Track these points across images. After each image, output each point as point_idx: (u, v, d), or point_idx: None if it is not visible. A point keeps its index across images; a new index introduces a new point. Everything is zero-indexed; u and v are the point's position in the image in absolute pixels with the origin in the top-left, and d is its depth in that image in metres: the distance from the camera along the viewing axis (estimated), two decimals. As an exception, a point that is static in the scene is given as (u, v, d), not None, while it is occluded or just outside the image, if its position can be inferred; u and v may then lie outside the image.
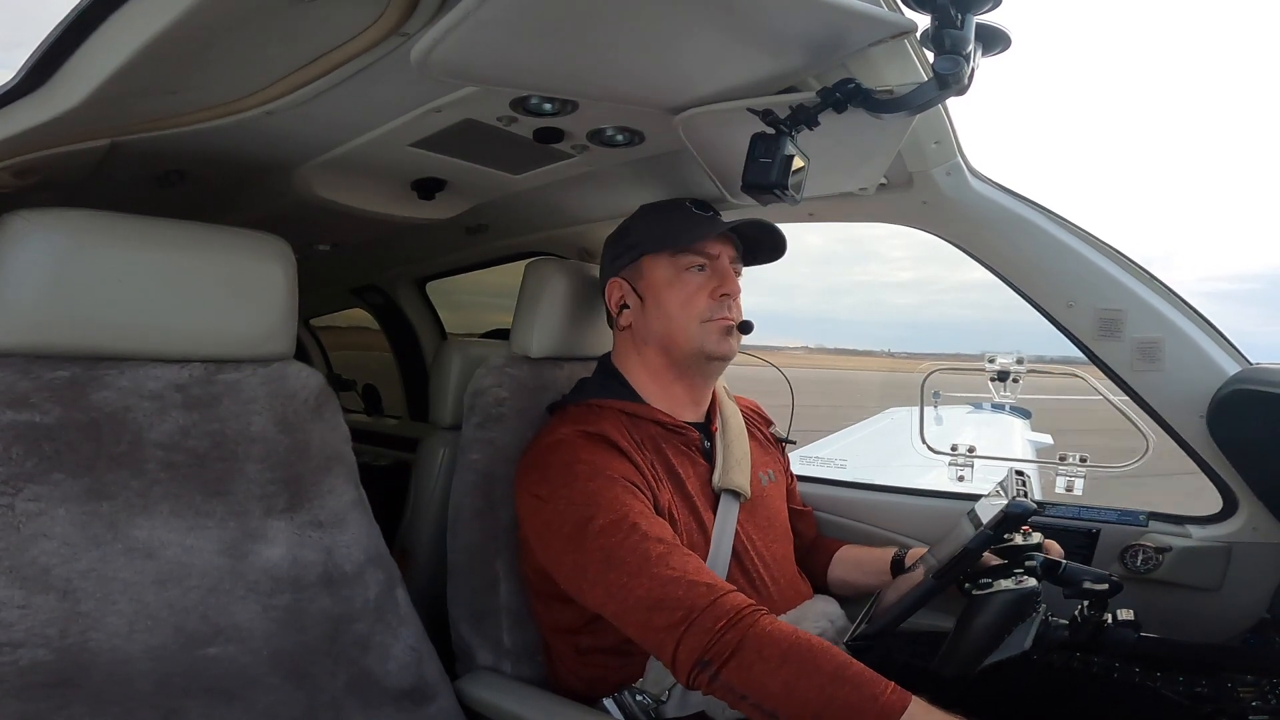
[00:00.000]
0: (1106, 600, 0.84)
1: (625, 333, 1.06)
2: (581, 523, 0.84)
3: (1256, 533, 1.05)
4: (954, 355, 18.82)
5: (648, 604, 0.78)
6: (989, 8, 0.62)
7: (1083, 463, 1.33)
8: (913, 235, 1.16)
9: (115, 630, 0.71)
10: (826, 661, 0.73)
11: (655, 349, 1.03)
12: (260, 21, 0.59)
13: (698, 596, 0.77)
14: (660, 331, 1.02)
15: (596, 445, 0.91)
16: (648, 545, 0.81)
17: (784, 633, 0.75)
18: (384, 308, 2.08)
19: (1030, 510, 0.82)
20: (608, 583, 0.81)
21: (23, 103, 0.66)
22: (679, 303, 1.00)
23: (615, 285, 1.06)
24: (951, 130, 0.97)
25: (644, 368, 1.04)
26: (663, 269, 1.01)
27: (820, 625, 1.02)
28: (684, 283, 1.01)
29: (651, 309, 1.02)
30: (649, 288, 1.03)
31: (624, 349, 1.07)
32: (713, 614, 0.75)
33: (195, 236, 0.83)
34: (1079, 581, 0.85)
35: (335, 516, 0.89)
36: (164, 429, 0.79)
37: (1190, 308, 1.05)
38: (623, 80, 0.75)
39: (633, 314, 1.04)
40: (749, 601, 0.78)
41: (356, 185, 1.08)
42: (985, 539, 0.84)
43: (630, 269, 1.04)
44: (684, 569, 0.80)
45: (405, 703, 0.88)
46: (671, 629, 0.76)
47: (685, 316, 1.00)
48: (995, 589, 0.82)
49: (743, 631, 0.74)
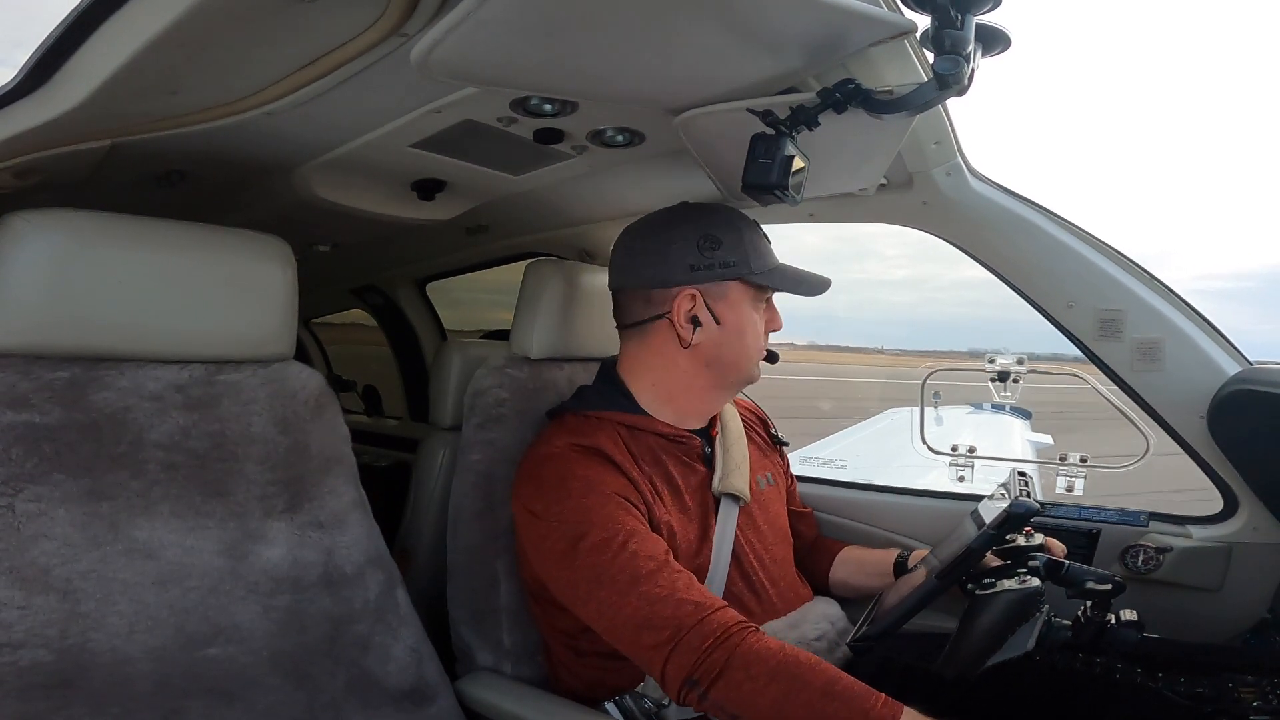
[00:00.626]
0: (1109, 601, 0.84)
1: (680, 348, 0.98)
2: (573, 540, 0.84)
3: (1257, 533, 1.05)
4: (947, 353, 18.80)
5: (636, 623, 0.79)
6: (989, 8, 0.62)
7: (1083, 463, 1.32)
8: (909, 233, 1.16)
9: (115, 631, 0.71)
10: (816, 677, 0.73)
11: (715, 372, 1.00)
12: (260, 21, 0.59)
13: (685, 615, 0.77)
14: (729, 359, 1.00)
15: (590, 460, 0.91)
16: (638, 563, 0.81)
17: (772, 650, 0.75)
18: (384, 308, 2.08)
19: (1033, 510, 0.82)
20: (599, 600, 0.82)
21: (23, 103, 0.66)
22: (754, 335, 1.01)
23: (689, 297, 0.96)
24: (951, 130, 0.97)
25: (681, 383, 1.00)
26: (748, 299, 0.99)
27: (821, 627, 1.02)
28: (756, 314, 1.01)
29: (731, 335, 0.98)
30: (730, 312, 0.98)
31: (656, 361, 1.00)
32: (700, 633, 0.76)
33: (195, 237, 0.83)
34: (1082, 582, 0.85)
35: (335, 517, 0.89)
36: (164, 429, 0.79)
37: (1190, 308, 1.05)
38: (623, 80, 0.75)
39: (704, 334, 0.97)
40: (738, 619, 0.78)
41: (356, 186, 1.08)
42: (988, 539, 0.84)
43: (714, 286, 0.97)
44: (673, 587, 0.80)
45: (405, 703, 0.87)
46: (659, 648, 0.77)
47: (755, 349, 1.02)
48: (998, 589, 0.82)
49: (730, 650, 0.75)
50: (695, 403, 1.03)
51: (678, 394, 1.01)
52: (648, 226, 1.02)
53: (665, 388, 1.01)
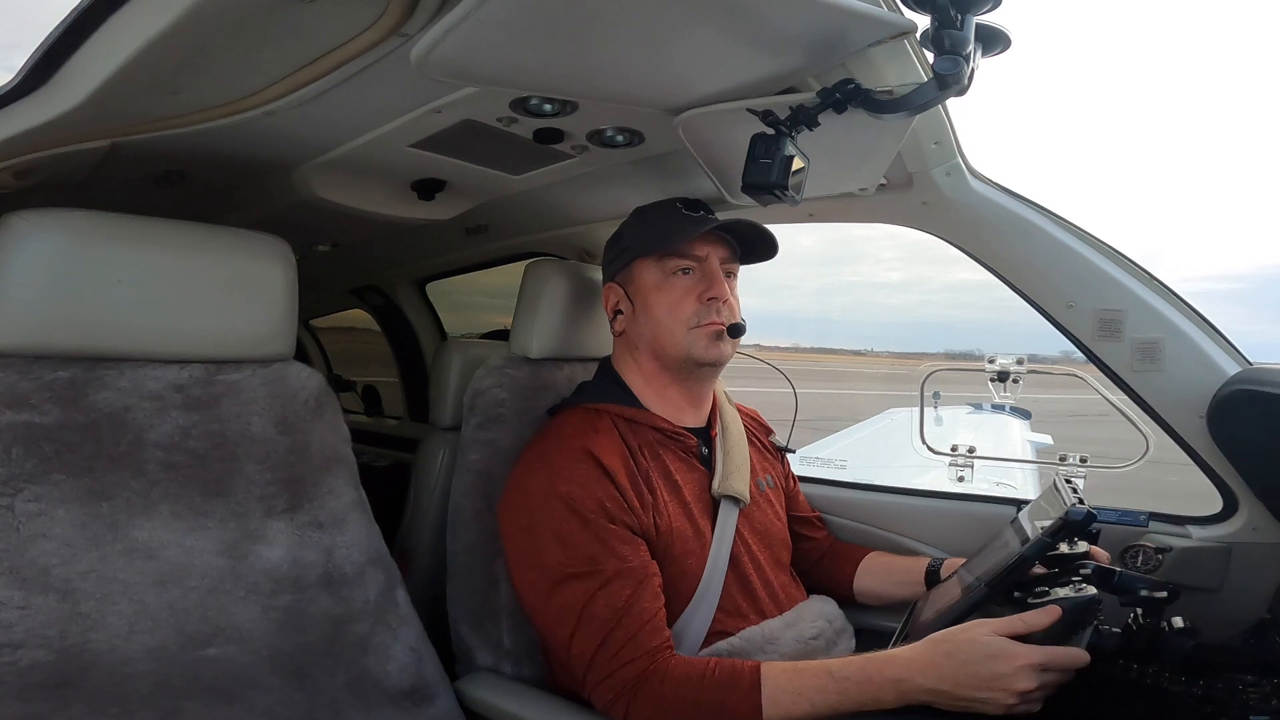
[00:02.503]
0: (1163, 607, 0.82)
1: (620, 338, 1.06)
2: (544, 570, 0.88)
3: (1256, 533, 1.05)
4: (932, 355, 18.79)
5: (584, 660, 0.85)
6: (989, 8, 0.62)
7: (1083, 463, 1.32)
8: (903, 236, 1.16)
9: (115, 631, 0.71)
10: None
11: (647, 354, 1.03)
12: (260, 21, 0.59)
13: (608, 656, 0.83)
14: (650, 337, 1.01)
15: (576, 469, 0.90)
16: (594, 610, 0.84)
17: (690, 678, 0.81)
18: (384, 308, 2.08)
19: (1091, 517, 0.80)
20: (554, 635, 0.88)
21: (23, 103, 0.66)
22: (665, 308, 0.99)
23: (611, 290, 1.06)
24: (951, 131, 0.97)
25: (639, 373, 1.04)
26: (651, 273, 1.00)
27: (818, 625, 1.02)
28: (671, 287, 0.99)
29: (641, 314, 1.01)
30: (638, 292, 1.02)
31: (621, 354, 1.07)
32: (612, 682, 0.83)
33: (195, 236, 0.83)
34: (1135, 589, 0.82)
35: (335, 517, 0.89)
36: (164, 429, 0.79)
37: (1190, 308, 1.05)
38: (622, 80, 0.75)
39: (625, 319, 1.04)
40: (644, 668, 0.82)
41: (356, 186, 1.09)
42: (1043, 546, 0.81)
43: (623, 274, 1.04)
44: (624, 626, 0.83)
45: (405, 703, 0.87)
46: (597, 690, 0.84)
47: (672, 322, 0.99)
48: (1054, 597, 0.79)
49: (637, 689, 0.81)
50: (666, 393, 1.04)
51: (645, 387, 1.04)
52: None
53: (639, 382, 1.04)
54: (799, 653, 0.96)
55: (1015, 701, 0.72)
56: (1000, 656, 0.72)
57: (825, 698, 0.77)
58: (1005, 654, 0.72)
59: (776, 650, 0.95)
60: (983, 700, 0.73)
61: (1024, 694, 0.72)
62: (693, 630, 0.93)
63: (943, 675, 0.74)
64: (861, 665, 0.78)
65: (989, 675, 0.72)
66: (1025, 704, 0.72)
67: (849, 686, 0.77)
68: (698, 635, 0.93)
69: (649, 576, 0.87)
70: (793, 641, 0.97)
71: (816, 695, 0.77)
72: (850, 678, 0.77)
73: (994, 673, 0.72)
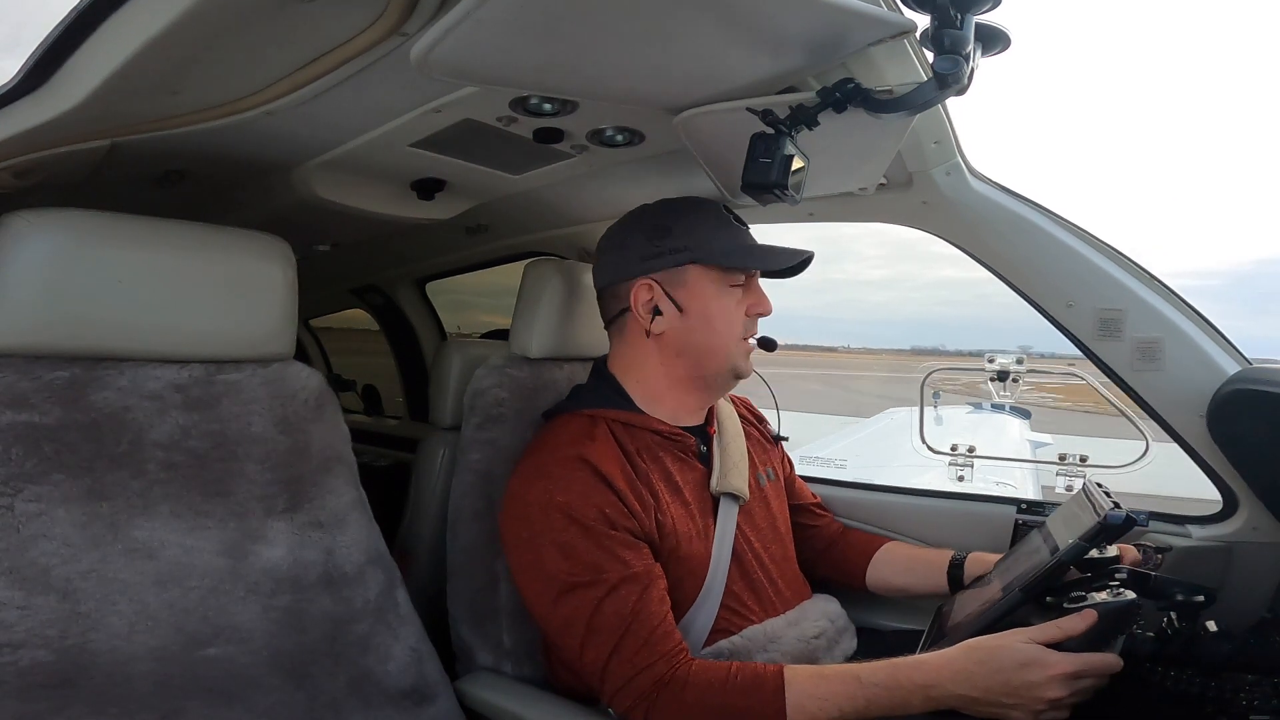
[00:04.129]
0: (1199, 611, 0.81)
1: (648, 340, 0.99)
2: (548, 580, 0.87)
3: (1256, 533, 1.05)
4: (909, 352, 18.84)
5: (597, 669, 0.83)
6: (988, 8, 0.62)
7: (1083, 463, 1.32)
8: (888, 234, 1.16)
9: (115, 631, 0.71)
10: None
11: (688, 361, 0.99)
12: (260, 22, 0.59)
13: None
14: (700, 345, 0.98)
15: (573, 478, 0.89)
16: (601, 618, 0.84)
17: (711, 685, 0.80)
18: (384, 308, 2.08)
19: (1131, 521, 0.79)
20: (564, 645, 0.87)
21: (23, 103, 0.66)
22: (724, 319, 0.98)
23: (645, 287, 0.97)
24: (951, 130, 0.97)
25: (661, 376, 1.00)
26: (711, 281, 0.97)
27: (820, 624, 1.02)
28: (728, 297, 0.98)
29: (696, 321, 0.97)
30: (693, 298, 0.97)
31: (635, 355, 1.01)
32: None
33: (195, 237, 0.83)
34: (1171, 593, 0.82)
35: (335, 517, 0.89)
36: (164, 429, 0.79)
37: (1190, 307, 1.05)
38: (623, 80, 0.75)
39: (667, 322, 0.97)
40: (663, 674, 0.81)
41: (356, 185, 1.08)
42: (1079, 550, 0.80)
43: (669, 273, 0.97)
44: (636, 635, 0.83)
45: (405, 703, 0.87)
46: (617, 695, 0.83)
47: (728, 334, 0.98)
48: (1090, 602, 0.79)
49: (658, 695, 0.80)
50: (683, 399, 1.02)
51: (664, 391, 1.01)
52: (612, 227, 1.04)
53: (652, 385, 1.01)
54: (801, 651, 0.96)
55: (1044, 709, 0.72)
56: (1033, 665, 0.72)
57: (853, 704, 0.76)
58: (1039, 662, 0.72)
59: (778, 649, 0.95)
60: (1010, 707, 0.73)
61: (1054, 702, 0.72)
62: (696, 628, 0.92)
63: (974, 683, 0.73)
64: (890, 671, 0.77)
65: (1020, 684, 0.72)
66: (1054, 711, 0.72)
67: (877, 693, 0.76)
68: (701, 633, 0.93)
69: (654, 580, 0.87)
70: (795, 640, 0.97)
71: (844, 701, 0.77)
72: (879, 684, 0.76)
73: (1025, 681, 0.72)
